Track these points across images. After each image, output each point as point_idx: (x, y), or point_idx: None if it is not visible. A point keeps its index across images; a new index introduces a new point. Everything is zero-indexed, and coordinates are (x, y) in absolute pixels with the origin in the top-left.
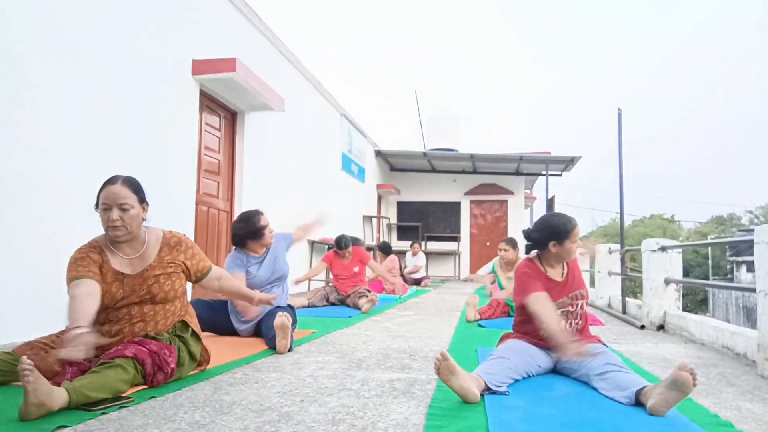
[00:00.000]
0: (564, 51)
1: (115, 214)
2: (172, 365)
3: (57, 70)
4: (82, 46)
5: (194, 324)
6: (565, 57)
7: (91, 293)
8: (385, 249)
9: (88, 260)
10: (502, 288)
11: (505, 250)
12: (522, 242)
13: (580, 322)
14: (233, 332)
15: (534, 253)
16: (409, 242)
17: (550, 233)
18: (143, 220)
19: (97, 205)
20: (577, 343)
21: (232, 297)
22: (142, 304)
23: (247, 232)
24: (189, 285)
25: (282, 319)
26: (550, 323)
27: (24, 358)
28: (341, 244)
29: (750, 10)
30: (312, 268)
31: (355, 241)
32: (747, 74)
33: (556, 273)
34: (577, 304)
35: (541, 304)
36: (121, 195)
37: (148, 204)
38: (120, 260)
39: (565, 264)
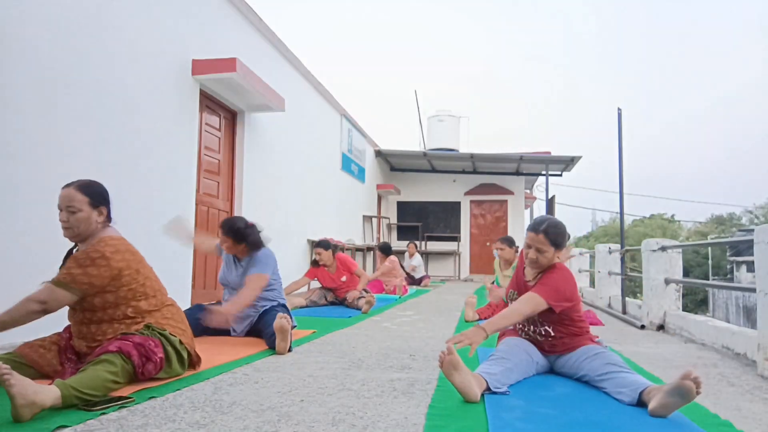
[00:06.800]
0: (565, 50)
1: (63, 215)
2: (160, 355)
3: (56, 70)
4: (82, 47)
5: (172, 328)
6: (566, 56)
7: None
8: (385, 249)
9: None
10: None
11: (501, 249)
12: (520, 241)
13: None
14: (228, 335)
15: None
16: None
17: (564, 239)
18: (99, 223)
19: None
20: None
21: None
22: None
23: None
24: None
25: (282, 321)
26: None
27: (0, 363)
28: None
29: (752, 10)
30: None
31: (329, 246)
32: (747, 73)
33: (529, 273)
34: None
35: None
36: (68, 198)
37: (106, 208)
38: None
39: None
